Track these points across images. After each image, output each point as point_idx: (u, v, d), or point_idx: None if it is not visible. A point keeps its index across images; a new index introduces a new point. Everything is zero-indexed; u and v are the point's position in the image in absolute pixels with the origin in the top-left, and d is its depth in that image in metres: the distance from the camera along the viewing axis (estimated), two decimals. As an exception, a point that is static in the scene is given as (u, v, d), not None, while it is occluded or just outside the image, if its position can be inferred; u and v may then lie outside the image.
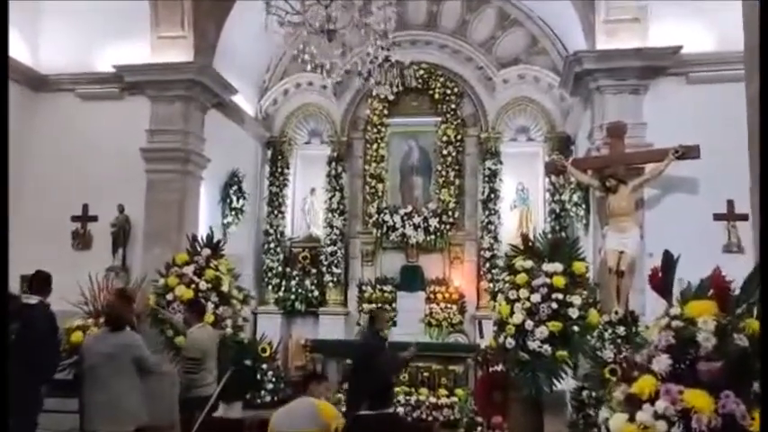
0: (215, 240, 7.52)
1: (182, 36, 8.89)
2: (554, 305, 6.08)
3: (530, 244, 6.57)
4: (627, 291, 7.41)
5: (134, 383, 5.36)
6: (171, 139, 8.82)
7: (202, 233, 8.16)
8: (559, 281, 6.11)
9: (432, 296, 10.67)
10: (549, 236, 7.26)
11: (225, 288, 7.10)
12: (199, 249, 7.27)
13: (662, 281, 2.79)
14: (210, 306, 6.93)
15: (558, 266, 6.21)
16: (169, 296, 6.91)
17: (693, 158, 7.42)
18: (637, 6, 8.08)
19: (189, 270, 7.01)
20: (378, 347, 6.55)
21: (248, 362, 7.76)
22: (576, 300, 6.09)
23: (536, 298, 6.17)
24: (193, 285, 6.94)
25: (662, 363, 2.54)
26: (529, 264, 6.39)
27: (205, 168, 9.34)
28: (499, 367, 6.63)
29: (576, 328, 6.05)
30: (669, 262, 2.85)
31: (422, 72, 11.22)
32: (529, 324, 6.14)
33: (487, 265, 10.69)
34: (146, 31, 8.94)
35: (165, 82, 8.76)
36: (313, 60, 6.08)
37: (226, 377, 5.69)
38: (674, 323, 2.61)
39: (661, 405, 2.45)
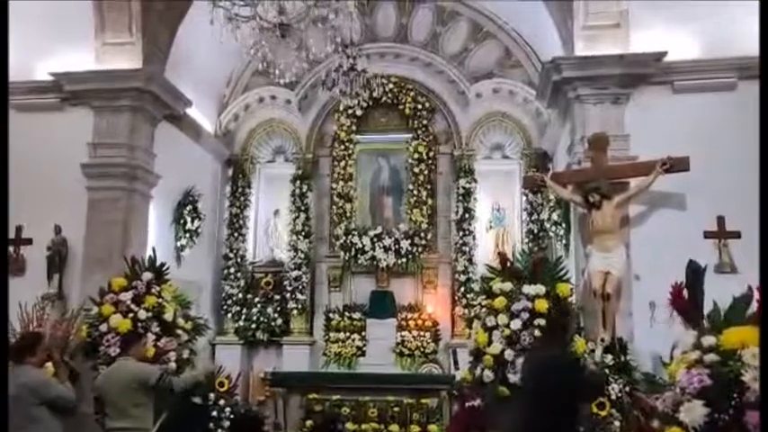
0: (158, 263, 6.74)
1: (129, 42, 8.19)
2: (537, 332, 5.47)
3: (508, 264, 5.96)
4: (613, 315, 6.78)
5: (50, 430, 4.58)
6: (115, 153, 8.07)
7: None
8: (542, 305, 5.52)
9: (403, 323, 10.02)
10: (530, 254, 6.57)
11: (168, 317, 6.31)
12: (139, 273, 6.48)
13: (689, 301, 2.10)
14: (151, 338, 6.12)
15: (541, 288, 5.63)
16: (103, 327, 6.08)
17: (682, 171, 6.88)
18: (618, 12, 7.60)
19: (126, 297, 6.21)
20: (563, 362, 4.22)
21: (197, 400, 6.89)
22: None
23: (516, 324, 5.57)
24: (131, 314, 6.13)
25: (695, 411, 1.87)
26: (508, 286, 5.79)
27: (155, 186, 8.58)
28: (476, 402, 5.92)
29: (561, 358, 5.41)
30: (696, 275, 2.17)
31: (391, 86, 10.64)
32: (509, 354, 5.53)
33: (462, 289, 10.04)
34: (90, 37, 8.24)
35: (108, 91, 8.03)
36: (265, 59, 5.42)
37: (159, 422, 4.87)
38: (709, 357, 1.93)
39: (697, 470, 1.77)
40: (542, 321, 5.48)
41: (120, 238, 7.89)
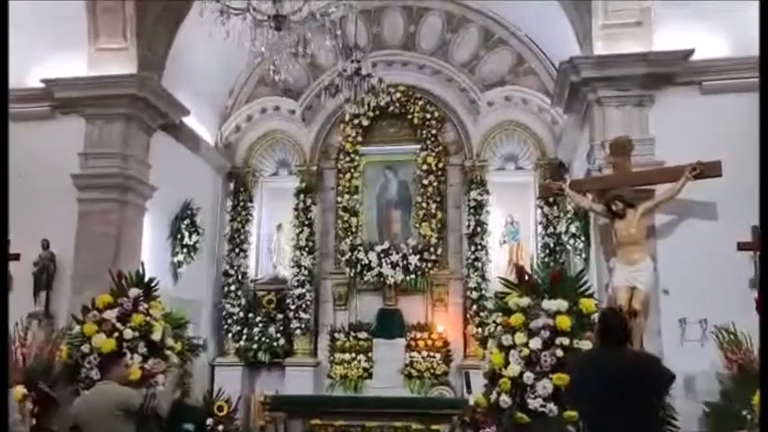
0: (148, 278, 6.27)
1: (123, 48, 7.83)
2: (559, 352, 4.94)
3: (526, 277, 5.45)
4: (641, 333, 6.24)
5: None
6: (108, 163, 7.68)
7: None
8: (565, 321, 5.00)
9: (412, 344, 9.54)
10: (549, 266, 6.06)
11: (157, 337, 5.81)
12: (126, 289, 6.01)
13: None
14: (138, 359, 5.63)
15: (563, 304, 5.11)
16: (85, 347, 5.59)
17: (714, 177, 6.36)
18: (639, 9, 7.13)
19: (111, 315, 5.73)
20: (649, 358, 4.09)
21: (189, 426, 6.39)
22: (587, 346, 4.95)
23: (536, 344, 5.06)
24: (116, 334, 5.64)
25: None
26: (525, 301, 5.27)
27: (150, 198, 8.18)
28: (491, 429, 5.38)
29: (586, 382, 4.87)
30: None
31: (399, 95, 10.23)
32: (528, 377, 5.01)
33: (475, 307, 9.51)
34: (82, 42, 7.88)
35: (101, 98, 7.64)
36: (258, 54, 4.99)
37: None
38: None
39: None
40: (565, 340, 4.95)
41: (111, 253, 7.46)
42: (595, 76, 7.00)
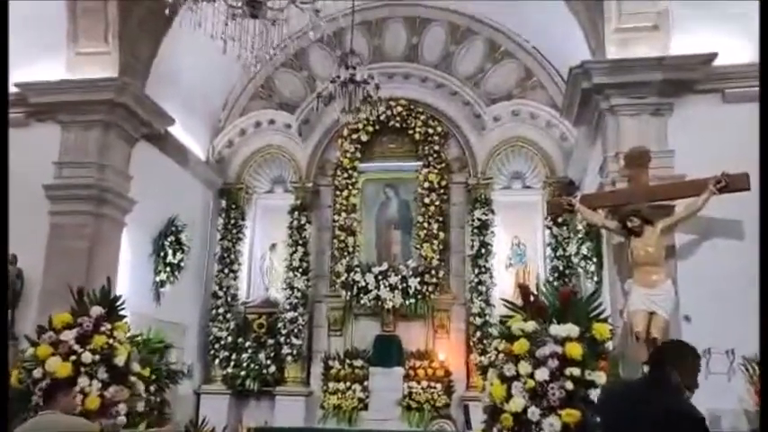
0: (113, 296, 5.69)
1: (105, 52, 7.38)
2: (569, 385, 4.32)
3: (531, 298, 4.83)
4: (660, 365, 5.57)
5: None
6: (83, 173, 7.22)
7: (122, 293, 6.36)
8: (576, 349, 4.37)
9: (411, 373, 8.96)
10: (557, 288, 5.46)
11: (120, 361, 5.22)
12: (88, 307, 5.42)
13: None
14: (96, 385, 5.03)
15: (573, 329, 4.48)
16: (37, 372, 4.99)
17: (741, 191, 5.76)
18: (655, 12, 6.61)
19: (69, 336, 5.14)
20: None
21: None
22: (601, 377, 4.32)
23: (542, 374, 4.43)
24: (74, 357, 5.05)
25: None
26: (531, 326, 4.64)
27: (129, 212, 7.67)
28: (493, 472, 4.72)
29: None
30: None
31: (400, 109, 9.76)
32: (533, 412, 4.37)
33: (479, 334, 8.92)
34: (61, 46, 7.45)
35: (77, 103, 7.20)
36: (229, 40, 4.46)
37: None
38: None
39: None
40: (575, 371, 4.32)
41: (83, 269, 6.94)
42: (608, 82, 6.47)
